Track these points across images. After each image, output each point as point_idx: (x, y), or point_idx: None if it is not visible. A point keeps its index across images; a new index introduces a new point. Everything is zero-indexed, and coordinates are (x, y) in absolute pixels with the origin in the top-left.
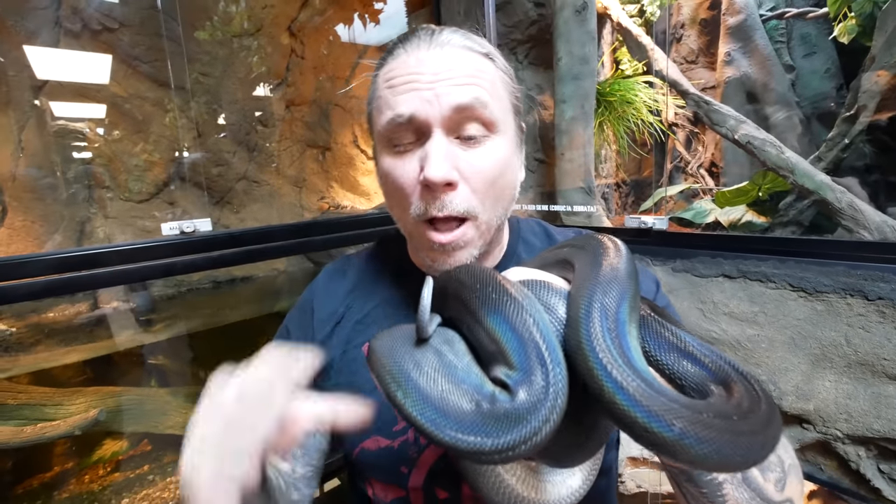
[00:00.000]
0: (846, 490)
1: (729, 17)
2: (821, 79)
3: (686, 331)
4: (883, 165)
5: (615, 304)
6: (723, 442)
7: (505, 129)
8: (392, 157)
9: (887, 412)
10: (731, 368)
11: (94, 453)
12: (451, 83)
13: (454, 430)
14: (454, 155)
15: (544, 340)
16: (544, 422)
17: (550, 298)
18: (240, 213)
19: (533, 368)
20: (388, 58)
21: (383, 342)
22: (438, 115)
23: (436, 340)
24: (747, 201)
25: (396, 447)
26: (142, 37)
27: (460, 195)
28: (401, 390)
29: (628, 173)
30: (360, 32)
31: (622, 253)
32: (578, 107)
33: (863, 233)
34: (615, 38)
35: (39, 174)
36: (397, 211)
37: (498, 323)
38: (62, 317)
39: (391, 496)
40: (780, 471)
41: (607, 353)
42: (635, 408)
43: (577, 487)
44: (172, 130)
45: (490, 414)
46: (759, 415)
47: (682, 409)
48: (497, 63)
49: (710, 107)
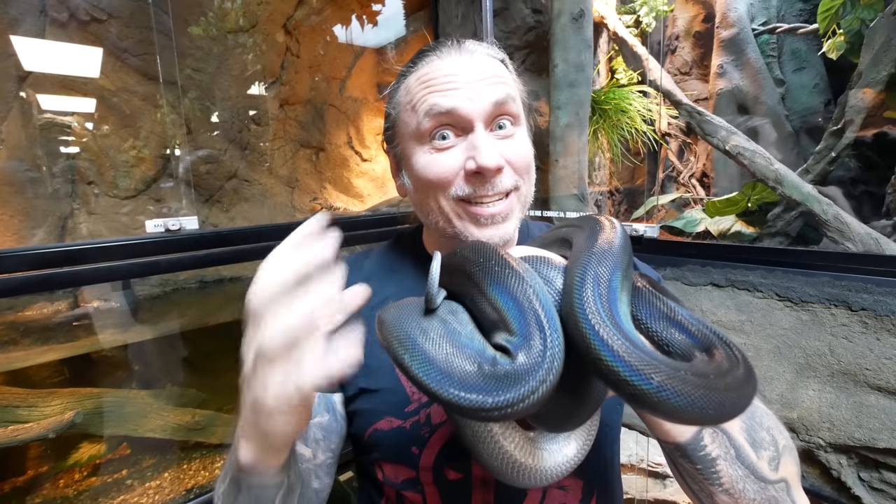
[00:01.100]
0: (828, 498)
1: (722, 30)
2: (809, 93)
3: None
4: (868, 179)
5: (608, 273)
6: (697, 396)
7: (523, 122)
8: (430, 153)
9: (868, 421)
10: (715, 336)
11: (70, 457)
12: (486, 83)
13: (457, 388)
14: (496, 144)
15: (543, 308)
16: (541, 382)
17: (549, 272)
18: (230, 213)
19: (532, 334)
20: (417, 63)
21: (391, 312)
22: (480, 111)
23: (441, 311)
24: (737, 211)
25: (408, 427)
26: (131, 29)
27: (507, 175)
28: (407, 353)
29: (621, 181)
30: (357, 33)
31: (617, 229)
32: (573, 114)
33: (848, 244)
34: (611, 47)
35: (21, 167)
36: (432, 200)
37: (500, 293)
38: (40, 315)
39: (402, 477)
40: (774, 450)
41: (596, 315)
42: (618, 363)
43: (573, 456)
44: (162, 126)
45: (491, 374)
46: (735, 375)
47: (661, 365)
48: (510, 68)
49: (702, 117)
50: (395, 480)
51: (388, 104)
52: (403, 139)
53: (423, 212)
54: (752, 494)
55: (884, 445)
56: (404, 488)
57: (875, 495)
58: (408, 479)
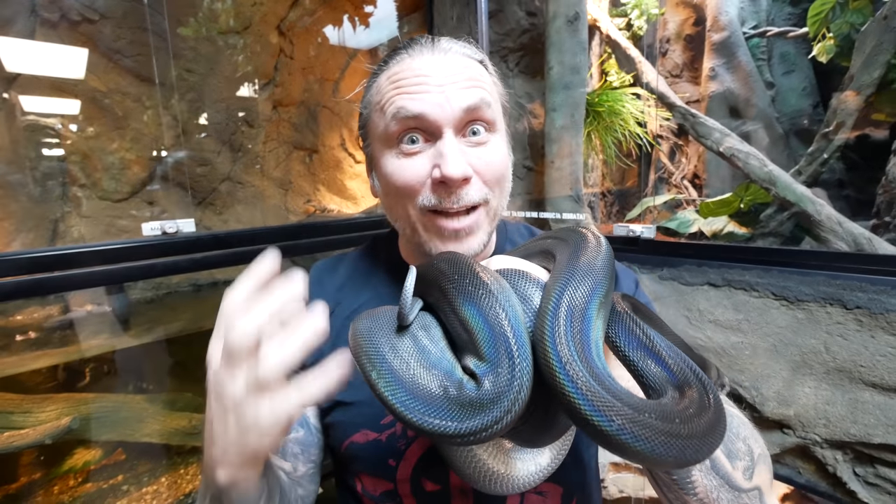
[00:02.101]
0: (823, 493)
1: (714, 33)
2: (798, 96)
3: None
4: (853, 181)
5: (585, 298)
6: (656, 442)
7: (500, 129)
8: (398, 158)
9: (863, 417)
10: (693, 374)
11: (64, 463)
12: (458, 87)
13: (421, 412)
14: (465, 152)
15: (514, 334)
16: (506, 412)
17: (527, 288)
18: (223, 215)
19: (500, 361)
20: (390, 61)
21: (363, 325)
22: (450, 117)
23: (414, 325)
24: (730, 212)
25: (384, 440)
26: (124, 30)
27: (474, 187)
28: (375, 371)
29: (613, 183)
30: (350, 35)
31: (601, 248)
32: (568, 116)
33: (840, 244)
34: (603, 49)
35: (8, 170)
36: (399, 208)
37: (471, 314)
38: (31, 320)
39: (380, 490)
40: (749, 460)
41: (565, 348)
42: (581, 400)
43: (546, 465)
44: (153, 128)
45: (456, 400)
46: (702, 420)
47: (624, 408)
48: (489, 69)
49: (696, 119)
50: (374, 493)
51: (361, 102)
52: (373, 140)
53: (392, 217)
54: (726, 503)
55: (879, 441)
56: (383, 501)
57: (870, 490)
58: (386, 492)
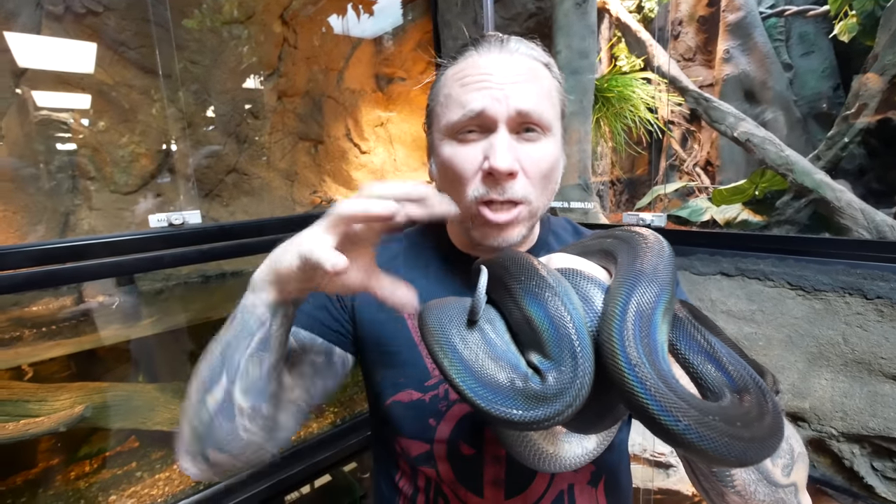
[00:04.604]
0: (839, 487)
1: (728, 13)
2: (818, 78)
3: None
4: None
5: (651, 302)
6: (720, 443)
7: (555, 132)
8: (455, 145)
9: (883, 411)
10: (751, 380)
11: (80, 450)
12: (518, 87)
13: (490, 400)
14: (515, 148)
15: (577, 334)
16: (567, 406)
17: (589, 289)
18: (229, 207)
19: (564, 359)
20: (457, 58)
21: (434, 315)
22: (505, 114)
23: (481, 319)
24: (744, 199)
25: (427, 400)
26: (128, 22)
27: (519, 183)
28: (447, 359)
29: (623, 171)
30: (354, 24)
31: (664, 253)
32: (577, 102)
33: (861, 231)
34: (613, 33)
35: (20, 164)
36: (453, 194)
37: (537, 312)
38: (46, 311)
39: (417, 451)
40: (790, 458)
41: (634, 351)
42: (650, 400)
43: (591, 449)
44: (160, 121)
45: (521, 391)
46: (762, 425)
47: (690, 409)
48: (553, 72)
49: (709, 104)
50: (411, 454)
51: (430, 92)
52: (435, 130)
53: None
54: (763, 497)
55: None
56: (419, 462)
57: (889, 485)
58: (423, 454)
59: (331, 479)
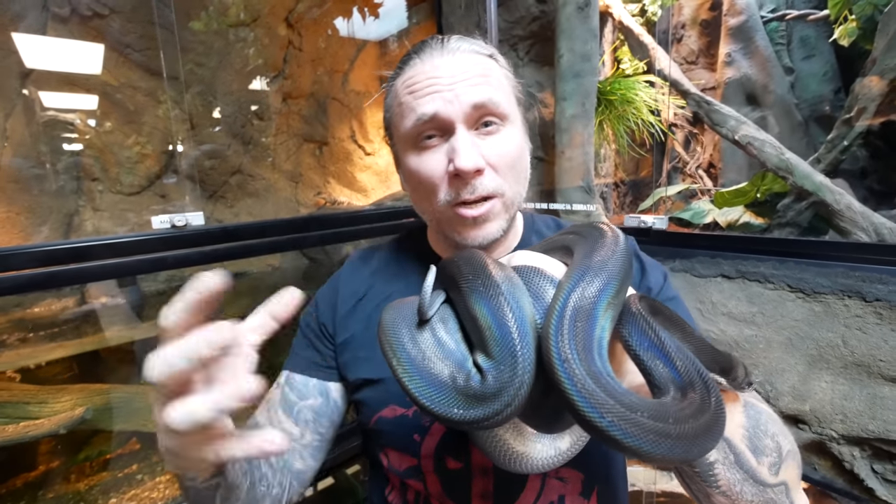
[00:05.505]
0: (839, 490)
1: (730, 17)
2: (819, 81)
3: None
4: (877, 170)
5: (593, 297)
6: (646, 439)
7: (514, 119)
8: (417, 154)
9: (882, 413)
10: (698, 376)
11: (80, 452)
12: (467, 84)
13: (431, 398)
14: (477, 145)
15: (518, 332)
16: (506, 405)
17: (542, 285)
18: (234, 208)
19: (504, 358)
20: (403, 67)
21: (389, 314)
22: (460, 113)
23: (434, 318)
24: (746, 202)
25: (410, 416)
26: (133, 24)
27: (487, 178)
28: (395, 357)
29: (626, 173)
30: (359, 26)
31: (618, 246)
32: (579, 105)
33: (860, 234)
34: (616, 36)
35: (25, 164)
36: (425, 202)
37: (481, 311)
38: (48, 312)
39: (405, 465)
40: (776, 456)
41: (566, 346)
42: (577, 396)
43: (565, 450)
44: (165, 122)
45: (462, 390)
46: (696, 423)
47: (616, 406)
48: (499, 62)
49: (710, 107)
50: (399, 468)
51: (384, 106)
52: (397, 141)
53: (419, 210)
54: (751, 496)
55: None
56: (407, 476)
57: (889, 487)
58: (410, 467)
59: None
